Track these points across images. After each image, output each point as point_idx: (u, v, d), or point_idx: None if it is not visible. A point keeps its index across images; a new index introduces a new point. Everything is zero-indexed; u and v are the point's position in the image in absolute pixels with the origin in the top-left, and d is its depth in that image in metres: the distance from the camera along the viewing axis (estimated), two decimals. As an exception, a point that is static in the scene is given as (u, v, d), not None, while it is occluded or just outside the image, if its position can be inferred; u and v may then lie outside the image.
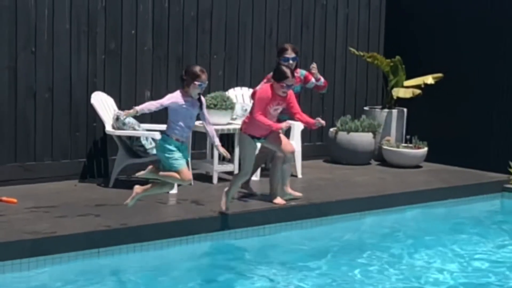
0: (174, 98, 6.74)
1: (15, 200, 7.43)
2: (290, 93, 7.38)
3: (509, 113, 9.88)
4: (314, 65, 8.44)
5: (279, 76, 7.26)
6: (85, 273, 6.35)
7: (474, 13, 10.19)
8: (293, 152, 7.70)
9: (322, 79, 8.48)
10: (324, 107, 10.55)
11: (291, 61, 7.98)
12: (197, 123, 8.99)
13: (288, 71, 7.27)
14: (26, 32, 8.23)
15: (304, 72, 8.05)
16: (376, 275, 6.56)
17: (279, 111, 7.42)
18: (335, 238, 7.59)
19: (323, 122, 7.45)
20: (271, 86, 7.33)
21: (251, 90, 9.67)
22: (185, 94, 6.72)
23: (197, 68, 6.71)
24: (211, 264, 6.90)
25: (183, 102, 6.70)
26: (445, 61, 10.31)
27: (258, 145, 7.54)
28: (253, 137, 7.36)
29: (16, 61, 8.20)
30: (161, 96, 9.10)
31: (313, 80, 8.28)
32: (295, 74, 7.67)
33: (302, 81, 8.19)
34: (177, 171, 6.66)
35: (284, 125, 7.36)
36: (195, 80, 6.64)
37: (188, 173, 6.77)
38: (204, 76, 6.68)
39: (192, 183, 7.23)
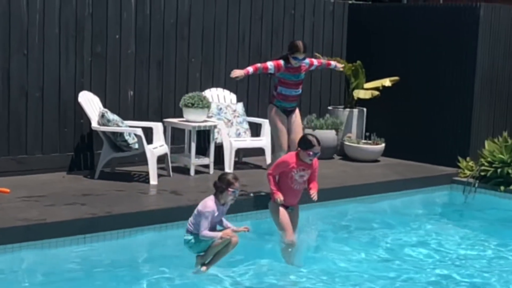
0: (211, 208, 5.97)
1: (8, 190, 7.36)
2: (315, 161, 6.72)
3: (457, 113, 9.96)
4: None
5: (306, 145, 6.60)
6: (72, 257, 6.32)
7: (423, 24, 10.25)
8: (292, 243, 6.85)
9: (324, 61, 7.99)
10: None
11: (301, 62, 7.33)
12: (176, 120, 9.00)
13: (314, 140, 6.61)
14: (18, 36, 8.16)
15: (307, 60, 7.57)
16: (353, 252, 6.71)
17: (305, 178, 6.71)
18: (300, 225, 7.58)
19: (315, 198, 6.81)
20: (297, 154, 6.69)
21: (225, 91, 9.68)
22: (218, 203, 6.02)
23: (231, 176, 6.08)
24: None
25: (216, 212, 6.01)
26: (400, 66, 10.36)
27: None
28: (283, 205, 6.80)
29: (9, 63, 8.13)
30: (142, 95, 9.14)
31: (315, 62, 7.68)
32: (302, 64, 7.28)
33: (307, 68, 7.51)
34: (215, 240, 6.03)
35: (278, 199, 6.68)
36: (229, 187, 5.98)
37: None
38: (237, 184, 6.02)
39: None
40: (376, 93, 10.21)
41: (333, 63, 7.92)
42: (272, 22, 10.24)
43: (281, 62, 7.12)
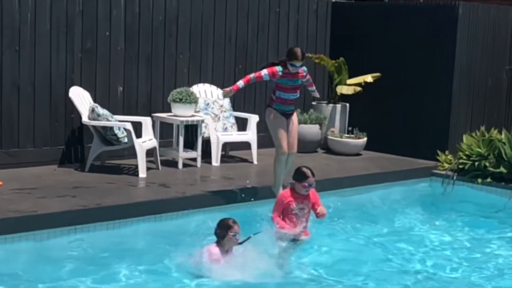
0: (216, 256, 5.77)
1: (0, 183, 7.33)
2: (313, 191, 6.54)
3: (437, 108, 10.00)
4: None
5: (300, 178, 6.42)
6: (63, 248, 6.30)
7: (405, 22, 10.29)
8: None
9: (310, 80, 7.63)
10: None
11: (299, 69, 7.04)
12: (164, 114, 8.98)
13: (308, 171, 6.44)
14: (10, 33, 8.12)
15: (305, 68, 7.38)
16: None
17: (306, 211, 6.48)
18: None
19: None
20: (291, 189, 6.49)
21: (213, 86, 9.67)
22: (222, 249, 5.80)
23: (230, 220, 5.84)
24: (176, 238, 6.87)
25: (222, 261, 5.76)
26: (382, 63, 10.40)
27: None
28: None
29: (1, 58, 8.08)
30: (131, 90, 9.12)
31: (308, 78, 7.37)
32: (299, 71, 7.02)
33: (304, 76, 7.20)
34: None
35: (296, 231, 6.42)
36: (229, 231, 5.76)
37: None
38: (236, 227, 5.79)
39: None
40: (359, 89, 10.23)
41: (314, 88, 7.74)
42: (258, 20, 10.24)
43: (276, 69, 6.95)
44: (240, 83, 7.11)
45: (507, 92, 10.70)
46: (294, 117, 7.32)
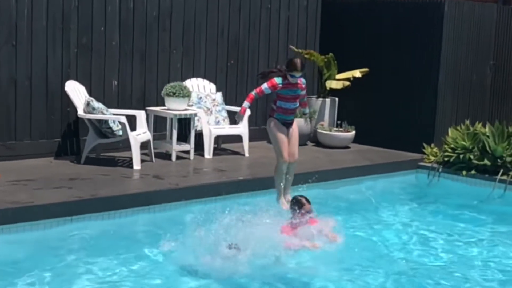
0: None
1: (-2, 175, 7.34)
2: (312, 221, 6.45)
3: (423, 103, 10.04)
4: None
5: (298, 206, 6.47)
6: (60, 238, 6.31)
7: (393, 19, 10.31)
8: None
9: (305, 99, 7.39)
10: (268, 97, 10.55)
11: (298, 79, 6.87)
12: (158, 108, 8.98)
13: (303, 199, 6.54)
14: (8, 28, 8.09)
15: (304, 80, 7.28)
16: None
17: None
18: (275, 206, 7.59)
19: None
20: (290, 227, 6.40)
21: (205, 81, 9.67)
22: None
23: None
24: (169, 228, 6.88)
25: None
26: (370, 58, 10.42)
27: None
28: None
29: (-2, 53, 8.09)
30: (126, 84, 9.11)
31: (304, 93, 7.14)
32: (299, 82, 6.89)
33: (302, 88, 7.01)
34: None
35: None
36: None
37: None
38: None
39: None
40: (347, 83, 10.25)
41: (307, 109, 7.55)
42: (250, 16, 10.23)
43: (276, 81, 6.84)
44: (246, 104, 6.92)
45: (491, 87, 10.75)
46: (295, 126, 7.16)
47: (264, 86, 6.91)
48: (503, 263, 6.37)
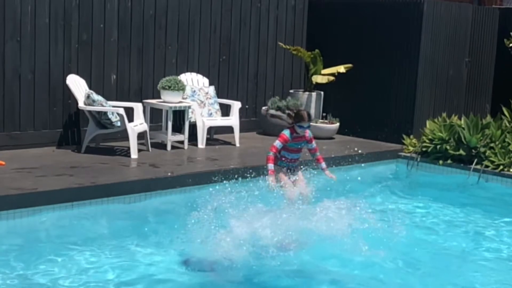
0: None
1: (3, 163, 7.30)
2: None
3: (403, 97, 10.06)
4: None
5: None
6: (61, 222, 6.32)
7: (375, 17, 10.33)
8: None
9: (318, 154, 7.09)
10: (258, 90, 10.58)
11: (305, 129, 6.75)
12: (154, 101, 8.97)
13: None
14: (12, 25, 8.05)
15: (311, 134, 6.89)
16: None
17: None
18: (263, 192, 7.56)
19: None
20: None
21: (199, 75, 9.66)
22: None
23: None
24: (164, 212, 6.91)
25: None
26: (354, 54, 10.42)
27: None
28: None
29: (4, 48, 8.02)
30: (124, 78, 9.09)
31: (313, 145, 6.94)
32: (305, 134, 6.79)
33: (308, 140, 6.88)
34: None
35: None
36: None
37: None
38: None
39: None
40: (332, 78, 10.26)
41: (324, 164, 7.03)
42: (240, 14, 10.22)
43: (286, 135, 6.69)
44: (270, 166, 6.60)
45: (467, 82, 10.79)
46: (299, 172, 7.03)
47: (277, 143, 6.65)
48: (475, 240, 6.49)
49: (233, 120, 9.33)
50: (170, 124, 8.68)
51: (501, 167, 8.65)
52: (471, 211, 7.60)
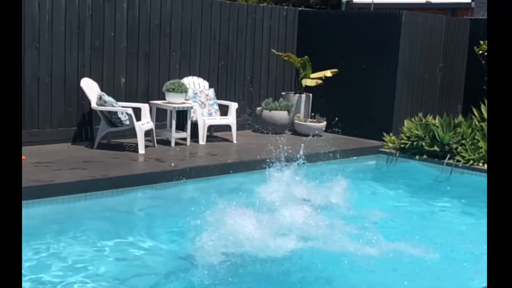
0: None
1: (23, 157, 7.29)
2: None
3: (383, 98, 10.07)
4: None
5: None
6: (76, 211, 6.31)
7: (358, 27, 10.32)
8: None
9: None
10: (253, 92, 10.57)
11: None
12: (160, 102, 8.95)
13: None
14: (31, 33, 8.02)
15: None
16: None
17: None
18: (259, 186, 7.51)
19: None
20: None
21: (200, 79, 9.64)
22: None
23: None
24: (170, 203, 6.91)
25: None
26: (339, 60, 10.42)
27: None
28: None
29: (24, 54, 7.99)
30: (132, 81, 9.07)
31: None
32: None
33: None
34: None
35: None
36: None
37: None
38: None
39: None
40: (320, 81, 10.26)
41: None
42: (238, 24, 10.20)
43: None
44: None
45: (441, 85, 10.80)
46: None
47: None
48: (448, 227, 6.52)
49: (231, 119, 9.32)
50: (174, 122, 8.67)
51: (471, 161, 8.67)
52: (442, 200, 7.62)
